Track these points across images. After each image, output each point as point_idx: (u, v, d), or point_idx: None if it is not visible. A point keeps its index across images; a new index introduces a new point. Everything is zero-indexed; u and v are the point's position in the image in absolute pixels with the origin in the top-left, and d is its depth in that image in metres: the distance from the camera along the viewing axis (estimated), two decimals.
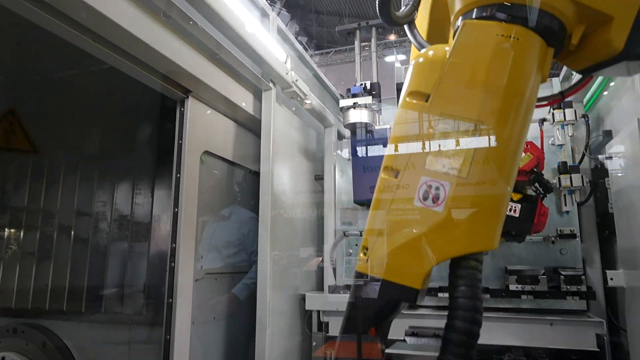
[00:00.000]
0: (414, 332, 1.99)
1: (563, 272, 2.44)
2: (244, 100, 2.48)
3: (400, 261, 0.91)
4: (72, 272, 2.57)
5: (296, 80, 2.55)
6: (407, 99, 1.00)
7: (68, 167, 2.76)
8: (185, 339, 2.07)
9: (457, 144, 0.91)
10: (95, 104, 2.69)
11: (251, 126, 2.66)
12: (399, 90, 3.27)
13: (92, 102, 2.68)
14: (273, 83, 2.50)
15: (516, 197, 2.17)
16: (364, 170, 2.92)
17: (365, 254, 0.96)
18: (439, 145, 0.92)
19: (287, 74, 2.46)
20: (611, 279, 2.32)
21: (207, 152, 2.31)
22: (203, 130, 2.28)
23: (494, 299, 2.61)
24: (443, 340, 0.88)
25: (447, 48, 1.01)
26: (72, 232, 2.66)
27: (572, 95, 1.69)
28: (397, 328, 1.27)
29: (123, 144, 2.66)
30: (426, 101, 0.96)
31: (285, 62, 2.47)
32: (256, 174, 2.72)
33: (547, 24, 0.93)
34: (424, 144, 0.93)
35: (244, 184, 2.79)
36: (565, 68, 3.06)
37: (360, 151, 2.90)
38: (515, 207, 2.21)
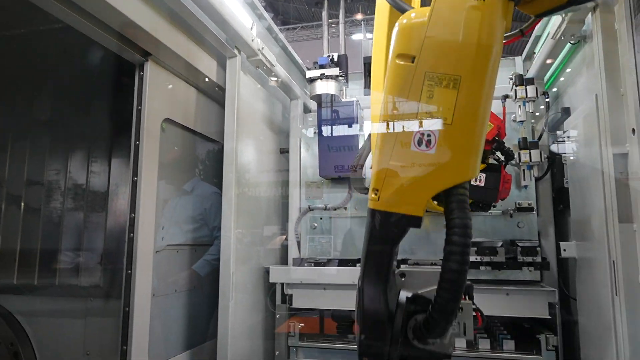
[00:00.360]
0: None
1: (520, 244, 2.53)
2: (207, 67, 2.39)
3: (404, 197, 1.13)
4: (22, 244, 2.44)
5: (262, 49, 2.48)
6: (397, 61, 1.14)
7: (17, 134, 2.59)
8: (145, 311, 2.02)
9: (442, 96, 1.09)
10: (47, 65, 2.52)
11: (215, 95, 2.58)
12: (366, 64, 3.25)
13: (43, 64, 2.51)
14: (238, 50, 2.41)
15: (480, 166, 2.21)
16: (330, 145, 2.90)
17: (376, 194, 1.15)
18: (428, 99, 1.10)
19: (252, 40, 2.39)
20: (564, 250, 2.43)
21: (168, 120, 2.22)
22: (164, 96, 2.19)
23: None
24: (445, 252, 1.06)
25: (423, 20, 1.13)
26: (22, 203, 2.51)
27: (530, 31, 1.69)
28: None
29: (77, 109, 2.52)
30: (412, 62, 1.11)
31: (252, 29, 2.38)
32: (220, 145, 2.65)
33: None
34: (416, 97, 1.11)
35: (207, 156, 2.72)
36: (527, 48, 3.13)
37: (326, 125, 2.88)
38: (480, 176, 2.25)
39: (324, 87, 2.72)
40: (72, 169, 2.48)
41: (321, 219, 3.05)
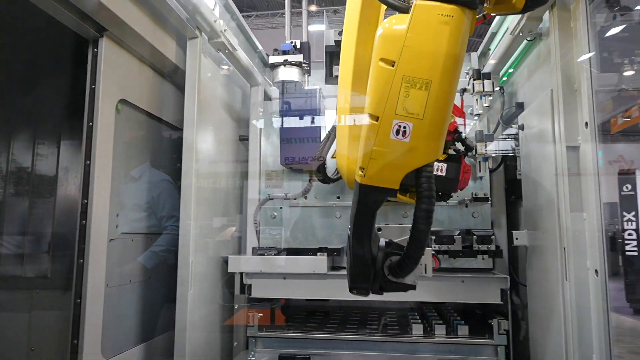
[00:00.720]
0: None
1: (476, 233, 2.62)
2: (167, 46, 2.27)
3: (384, 175, 1.42)
4: None
5: (225, 30, 2.39)
6: (379, 63, 1.35)
7: None
8: (98, 303, 1.91)
9: (415, 96, 1.32)
10: None
11: (174, 78, 2.47)
12: (327, 53, 3.22)
13: None
14: (199, 31, 2.31)
15: (441, 157, 2.26)
16: (292, 133, 2.86)
17: (362, 172, 1.44)
18: (404, 98, 1.32)
19: (215, 22, 2.29)
20: (516, 238, 2.54)
21: (124, 101, 2.09)
22: (120, 76, 2.06)
23: None
24: (415, 214, 1.40)
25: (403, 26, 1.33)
26: None
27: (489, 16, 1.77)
28: None
29: (21, 87, 2.32)
30: (392, 66, 1.32)
31: (214, 9, 2.29)
32: (176, 131, 2.54)
33: (472, 3, 1.29)
34: (395, 97, 1.33)
35: (163, 141, 2.60)
36: (482, 44, 3.23)
37: (288, 113, 2.83)
38: (441, 166, 2.30)
39: (288, 74, 2.67)
40: (15, 151, 2.28)
41: (281, 208, 3.01)
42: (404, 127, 1.34)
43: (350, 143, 2.17)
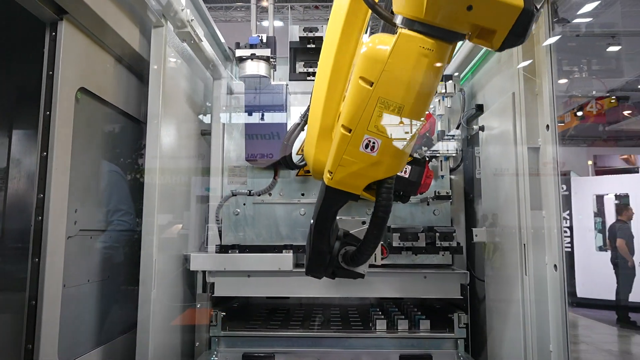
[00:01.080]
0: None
1: (438, 230, 2.69)
2: (130, 34, 2.16)
3: (350, 181, 1.55)
4: None
5: (191, 20, 2.31)
6: (359, 81, 1.42)
7: None
8: (56, 305, 1.78)
9: (387, 117, 1.43)
10: None
11: (136, 67, 2.35)
12: (291, 49, 3.19)
13: None
14: (165, 19, 2.22)
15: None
16: (257, 129, 2.81)
17: (330, 175, 1.55)
18: (377, 117, 1.42)
19: (182, 10, 2.21)
20: (476, 235, 2.64)
21: (84, 90, 1.97)
22: (80, 63, 1.93)
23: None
24: (373, 214, 1.56)
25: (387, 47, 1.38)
26: None
27: None
28: None
29: None
30: (371, 86, 1.40)
31: None
32: (137, 123, 2.43)
33: (454, 37, 1.34)
34: (369, 114, 1.43)
35: (124, 133, 2.47)
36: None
37: (254, 108, 2.79)
38: (405, 168, 2.34)
39: (255, 68, 2.62)
40: None
41: (244, 204, 2.95)
42: (373, 143, 1.46)
43: (319, 140, 2.16)
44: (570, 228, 10.60)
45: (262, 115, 2.74)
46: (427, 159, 2.46)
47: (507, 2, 1.22)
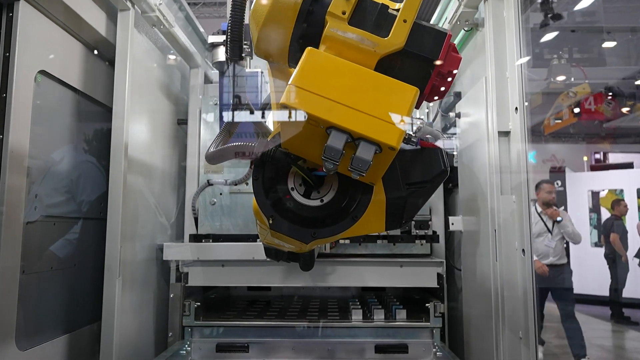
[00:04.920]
0: None
1: (414, 218, 2.66)
2: (95, 18, 2.12)
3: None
4: None
5: (159, 4, 2.27)
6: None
7: None
8: (12, 291, 1.75)
9: None
10: None
11: (104, 52, 2.32)
12: None
13: None
14: (131, 3, 2.18)
15: None
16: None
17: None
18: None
19: None
20: (452, 223, 2.61)
21: (44, 73, 1.93)
22: (40, 45, 1.90)
23: (352, 245, 2.76)
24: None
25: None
26: None
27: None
28: None
29: None
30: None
31: None
32: (108, 110, 2.40)
33: None
34: None
35: (91, 120, 2.43)
36: None
37: (228, 95, 2.74)
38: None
39: None
40: None
41: (221, 194, 2.92)
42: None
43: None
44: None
45: (236, 102, 2.70)
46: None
47: None
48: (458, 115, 2.67)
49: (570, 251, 10.28)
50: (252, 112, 2.10)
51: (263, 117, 2.09)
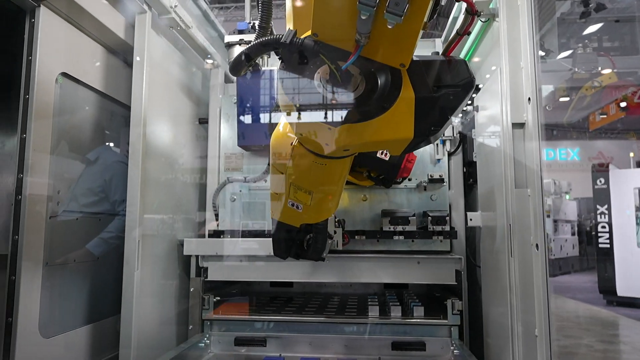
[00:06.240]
0: None
1: (430, 214, 2.62)
2: (113, 21, 2.22)
3: (289, 220, 1.93)
4: None
5: (175, 6, 2.34)
6: (273, 166, 1.88)
7: None
8: (35, 281, 1.85)
9: (302, 195, 1.75)
10: None
11: (124, 54, 2.41)
12: None
13: None
14: (148, 5, 2.26)
15: None
16: (250, 113, 2.82)
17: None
18: (294, 194, 1.75)
19: None
20: (470, 219, 2.55)
21: (66, 75, 2.04)
22: (60, 48, 2.00)
23: (370, 241, 2.74)
24: (307, 253, 2.04)
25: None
26: None
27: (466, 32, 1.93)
28: None
29: None
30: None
31: None
32: (127, 109, 2.49)
33: (346, 155, 1.62)
34: (287, 190, 1.77)
35: (117, 121, 2.54)
36: (446, 29, 3.23)
37: (245, 93, 2.79)
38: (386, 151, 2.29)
39: None
40: None
41: (240, 191, 2.98)
42: (297, 205, 1.78)
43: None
44: (609, 223, 10.08)
45: (253, 100, 2.75)
46: None
47: None
48: (476, 109, 2.61)
49: (615, 252, 9.82)
50: None
51: None
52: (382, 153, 2.23)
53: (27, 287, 1.80)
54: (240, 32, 2.65)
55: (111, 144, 2.59)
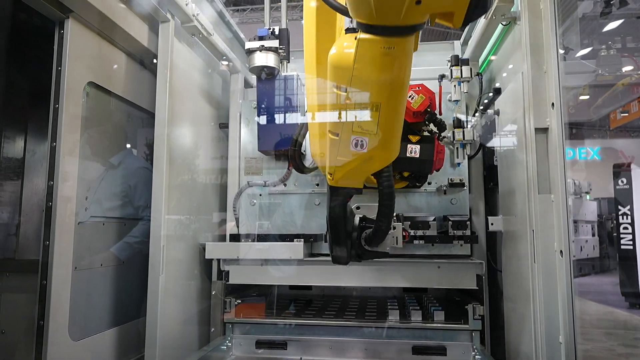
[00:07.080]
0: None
1: (451, 218, 2.61)
2: (138, 30, 2.26)
3: (349, 178, 1.77)
4: None
5: (197, 14, 2.38)
6: (334, 89, 1.52)
7: None
8: (65, 285, 1.91)
9: (369, 115, 1.50)
10: None
11: (149, 63, 2.46)
12: None
13: None
14: (171, 14, 2.30)
15: (414, 139, 2.26)
16: (269, 119, 2.85)
17: (331, 176, 1.78)
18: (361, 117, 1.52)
19: (187, 5, 2.29)
20: (492, 224, 2.54)
21: (93, 84, 2.09)
22: (88, 58, 2.05)
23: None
24: (379, 198, 1.81)
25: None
26: None
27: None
28: None
29: None
30: (345, 91, 1.48)
31: None
32: (151, 116, 2.54)
33: (412, 29, 1.26)
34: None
35: (140, 127, 2.59)
36: (465, 32, 3.22)
37: (265, 99, 2.82)
38: (414, 149, 2.30)
39: (263, 59, 2.66)
40: None
41: (260, 195, 3.01)
42: (361, 141, 1.56)
43: (319, 140, 2.14)
44: (632, 224, 9.87)
45: (274, 105, 2.77)
46: (436, 133, 2.40)
47: None
48: (497, 113, 2.59)
49: (638, 253, 9.61)
50: None
51: None
52: (411, 152, 2.26)
53: (58, 291, 1.86)
54: (261, 38, 2.68)
55: (134, 150, 2.64)
